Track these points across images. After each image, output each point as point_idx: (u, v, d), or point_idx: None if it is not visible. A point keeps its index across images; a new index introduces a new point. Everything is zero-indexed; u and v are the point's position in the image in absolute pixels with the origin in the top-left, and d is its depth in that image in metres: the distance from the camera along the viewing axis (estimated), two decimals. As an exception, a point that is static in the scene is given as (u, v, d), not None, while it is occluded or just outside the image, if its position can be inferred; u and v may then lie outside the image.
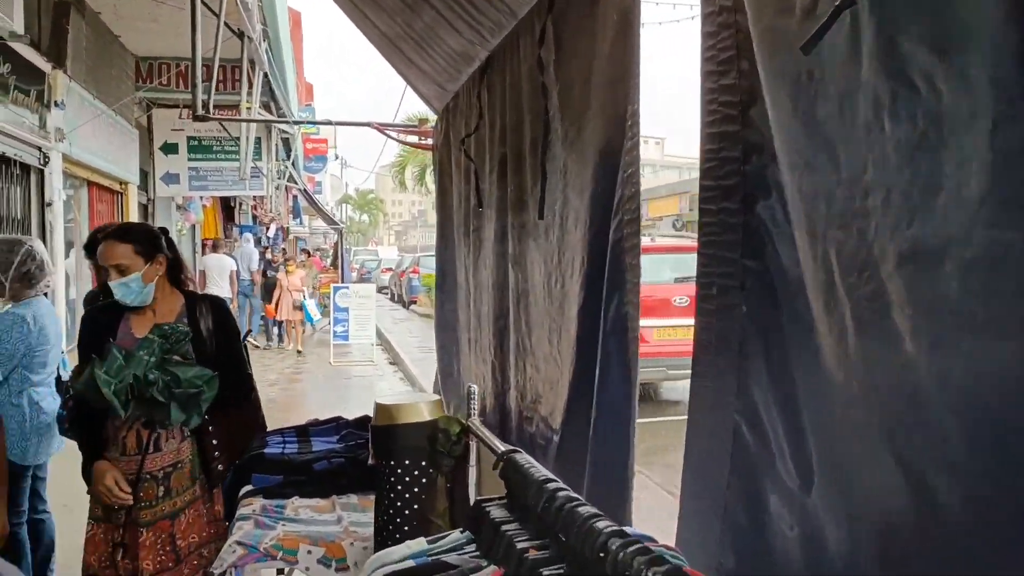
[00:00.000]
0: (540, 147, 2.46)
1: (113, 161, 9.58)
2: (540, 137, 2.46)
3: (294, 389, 10.81)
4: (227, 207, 19.03)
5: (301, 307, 14.16)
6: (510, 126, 2.87)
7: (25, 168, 7.00)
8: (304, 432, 3.31)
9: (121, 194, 10.33)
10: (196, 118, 5.77)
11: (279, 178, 14.28)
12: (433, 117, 4.72)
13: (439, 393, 4.46)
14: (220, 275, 13.51)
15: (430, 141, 4.60)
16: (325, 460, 3.00)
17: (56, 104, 7.15)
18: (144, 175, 11.90)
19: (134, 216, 10.75)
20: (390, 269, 32.53)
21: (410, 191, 30.67)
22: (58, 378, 3.69)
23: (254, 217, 23.47)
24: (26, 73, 6.60)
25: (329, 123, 5.74)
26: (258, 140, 12.54)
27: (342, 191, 58.74)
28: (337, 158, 39.77)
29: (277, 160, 13.17)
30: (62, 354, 3.82)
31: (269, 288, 14.72)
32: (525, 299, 2.82)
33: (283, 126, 13.52)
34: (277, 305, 14.11)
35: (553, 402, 2.48)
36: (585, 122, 2.19)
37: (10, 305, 3.54)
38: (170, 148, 12.26)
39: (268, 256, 17.20)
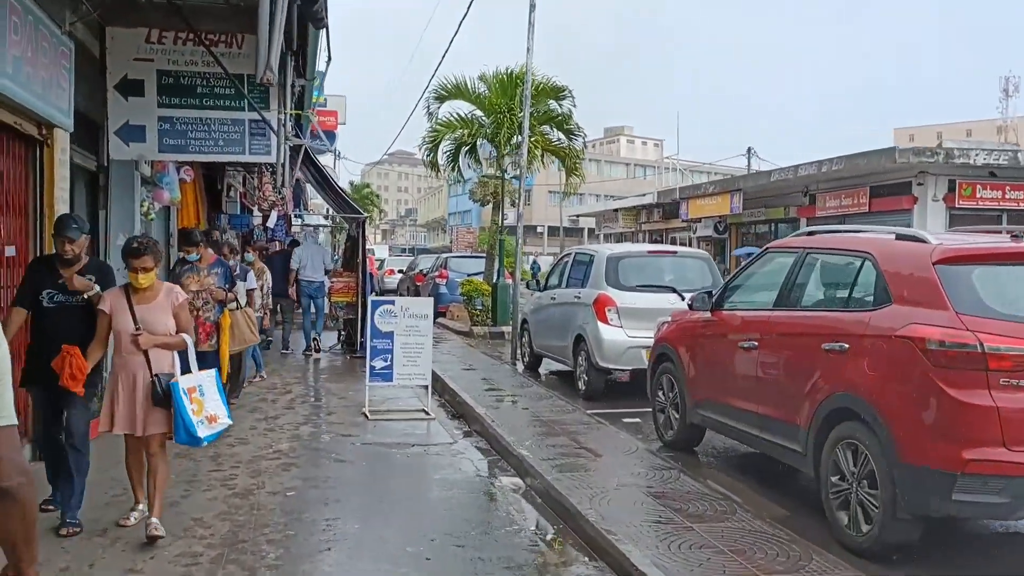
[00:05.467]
0: None
1: (22, 83, 5.43)
2: None
3: (310, 478, 6.52)
4: (211, 188, 14.60)
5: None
6: None
7: None
8: None
9: (41, 144, 6.14)
10: None
11: (294, 137, 9.95)
12: None
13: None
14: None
15: None
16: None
17: None
18: (89, 125, 7.73)
19: (61, 187, 6.51)
20: (397, 271, 28.31)
21: (426, 177, 26.67)
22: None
23: (243, 206, 18.92)
24: None
25: None
26: (263, 89, 8.39)
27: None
28: (336, 153, 35.28)
29: (286, 111, 8.95)
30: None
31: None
32: None
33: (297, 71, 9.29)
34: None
35: None
36: None
37: None
38: (132, 87, 8.03)
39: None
